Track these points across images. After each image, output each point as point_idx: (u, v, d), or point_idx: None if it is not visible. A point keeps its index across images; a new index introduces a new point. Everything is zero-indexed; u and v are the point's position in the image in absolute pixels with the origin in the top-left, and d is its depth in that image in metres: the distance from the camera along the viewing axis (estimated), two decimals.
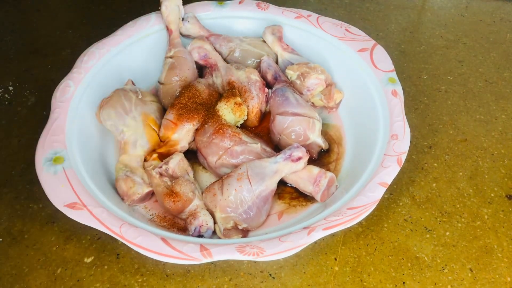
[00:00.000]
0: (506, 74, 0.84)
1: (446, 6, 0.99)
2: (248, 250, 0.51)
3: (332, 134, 0.72)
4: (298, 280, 0.56)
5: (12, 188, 0.65)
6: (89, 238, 0.59)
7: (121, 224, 0.53)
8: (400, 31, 0.93)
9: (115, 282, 0.56)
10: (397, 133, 0.62)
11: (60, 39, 0.90)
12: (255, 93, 0.70)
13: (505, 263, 0.58)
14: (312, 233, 0.52)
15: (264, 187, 0.58)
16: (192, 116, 0.65)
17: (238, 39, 0.78)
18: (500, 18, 0.96)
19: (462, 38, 0.91)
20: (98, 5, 0.98)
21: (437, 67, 0.85)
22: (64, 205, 0.54)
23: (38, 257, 0.58)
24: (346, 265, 0.57)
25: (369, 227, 0.61)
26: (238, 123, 0.69)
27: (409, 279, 0.56)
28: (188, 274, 0.56)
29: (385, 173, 0.58)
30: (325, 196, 0.61)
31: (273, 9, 0.81)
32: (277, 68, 0.74)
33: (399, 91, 0.68)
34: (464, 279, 0.56)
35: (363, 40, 0.75)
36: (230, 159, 0.62)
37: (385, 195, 0.64)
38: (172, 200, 0.58)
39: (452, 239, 0.60)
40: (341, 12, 0.97)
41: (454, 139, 0.73)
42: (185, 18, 0.78)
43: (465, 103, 0.78)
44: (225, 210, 0.58)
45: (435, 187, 0.66)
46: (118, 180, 0.61)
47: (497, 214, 0.63)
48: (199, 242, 0.53)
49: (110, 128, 0.65)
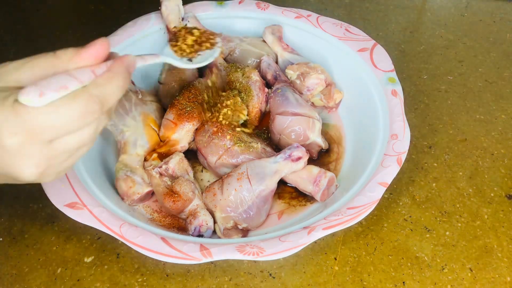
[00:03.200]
0: (506, 74, 0.84)
1: (446, 6, 0.99)
2: (248, 249, 0.51)
3: (332, 134, 0.72)
4: (298, 280, 0.56)
5: (12, 188, 0.65)
6: (89, 238, 0.59)
7: (121, 224, 0.53)
8: (400, 31, 0.93)
9: (115, 281, 0.56)
10: (397, 133, 0.62)
11: (60, 39, 0.90)
12: (255, 93, 0.70)
13: (505, 263, 0.58)
14: (312, 233, 0.52)
15: (264, 187, 0.59)
16: (192, 116, 0.65)
17: (238, 39, 0.78)
18: (500, 18, 0.96)
19: (462, 38, 0.91)
20: (98, 5, 0.98)
21: (437, 67, 0.85)
22: (64, 204, 0.54)
23: (38, 257, 0.58)
24: (346, 264, 0.57)
25: (369, 226, 0.61)
26: (238, 123, 0.69)
27: (409, 278, 0.56)
28: (188, 273, 0.56)
29: (385, 173, 0.58)
30: (325, 195, 0.61)
31: (273, 9, 0.81)
32: (277, 68, 0.74)
33: (399, 91, 0.68)
34: (464, 278, 0.56)
35: (363, 40, 0.75)
36: (230, 159, 0.62)
37: (385, 195, 0.64)
38: (172, 200, 0.58)
39: (452, 239, 0.60)
40: (341, 12, 0.97)
41: (454, 139, 0.73)
42: (185, 18, 0.78)
43: (465, 103, 0.78)
44: (225, 210, 0.58)
45: (435, 187, 0.66)
46: (118, 180, 0.61)
47: (497, 214, 0.63)
48: (199, 241, 0.53)
49: (110, 128, 0.65)
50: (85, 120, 0.37)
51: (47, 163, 0.37)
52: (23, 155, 0.36)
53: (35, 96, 0.34)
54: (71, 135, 0.38)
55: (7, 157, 0.36)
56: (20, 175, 0.37)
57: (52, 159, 0.38)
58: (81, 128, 0.38)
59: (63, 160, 0.39)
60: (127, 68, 0.41)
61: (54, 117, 0.35)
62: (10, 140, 0.35)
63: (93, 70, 0.38)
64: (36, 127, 0.35)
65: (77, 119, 0.37)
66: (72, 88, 0.36)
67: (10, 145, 0.35)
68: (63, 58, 0.38)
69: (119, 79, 0.39)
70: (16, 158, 0.36)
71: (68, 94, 0.36)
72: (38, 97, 0.34)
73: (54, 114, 0.35)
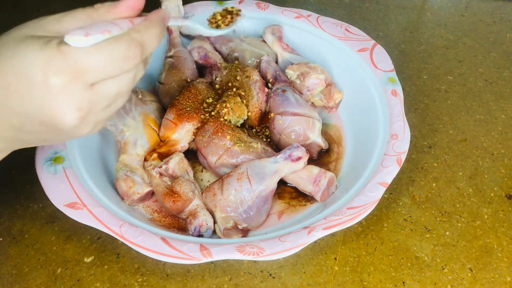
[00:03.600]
0: (506, 74, 0.84)
1: (446, 6, 0.99)
2: (248, 249, 0.51)
3: (332, 134, 0.72)
4: (298, 280, 0.56)
5: (12, 188, 0.65)
6: (89, 238, 0.59)
7: (121, 224, 0.53)
8: (400, 31, 0.93)
9: (115, 281, 0.56)
10: (397, 133, 0.62)
11: None
12: (255, 93, 0.70)
13: (505, 262, 0.58)
14: (312, 233, 0.52)
15: (264, 187, 0.58)
16: (192, 116, 0.65)
17: (238, 39, 0.78)
18: (500, 18, 0.96)
19: (462, 38, 0.91)
20: None
21: (437, 67, 0.85)
22: (64, 204, 0.54)
23: (38, 257, 0.58)
24: (346, 264, 0.57)
25: (369, 226, 0.61)
26: (238, 123, 0.69)
27: (409, 278, 0.56)
28: (188, 273, 0.56)
29: (385, 172, 0.58)
30: (325, 195, 0.61)
31: (273, 9, 0.81)
32: (277, 68, 0.74)
33: (399, 91, 0.68)
34: (464, 278, 0.56)
35: (363, 40, 0.75)
36: (230, 159, 0.62)
37: (385, 195, 0.64)
38: (172, 200, 0.58)
39: (452, 239, 0.60)
40: (341, 12, 0.97)
41: (454, 139, 0.73)
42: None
43: (465, 103, 0.79)
44: (225, 210, 0.58)
45: (435, 187, 0.66)
46: (118, 180, 0.61)
47: (497, 214, 0.63)
48: (199, 241, 0.53)
49: (110, 128, 0.65)
50: (127, 63, 0.38)
51: (89, 106, 0.38)
52: (66, 95, 0.36)
53: (81, 35, 0.36)
54: (112, 79, 0.38)
55: (51, 97, 0.36)
56: (61, 118, 0.37)
57: (93, 104, 0.38)
58: (122, 73, 0.39)
59: (103, 108, 0.40)
60: (163, 19, 0.43)
61: (98, 57, 0.36)
62: (55, 79, 0.35)
63: (131, 19, 0.40)
64: (80, 67, 0.36)
65: (119, 61, 0.38)
66: (115, 33, 0.38)
67: (54, 84, 0.36)
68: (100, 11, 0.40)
69: (157, 27, 0.41)
70: (59, 98, 0.36)
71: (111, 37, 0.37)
72: (84, 37, 0.36)
73: (98, 54, 0.36)
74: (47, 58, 0.35)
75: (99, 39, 0.37)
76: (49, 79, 0.35)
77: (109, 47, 0.37)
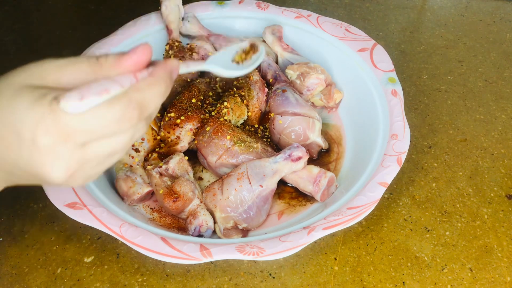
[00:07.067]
0: (506, 74, 0.84)
1: (446, 6, 0.99)
2: (248, 249, 0.51)
3: (332, 134, 0.72)
4: (298, 280, 0.56)
5: (12, 188, 0.65)
6: (89, 238, 0.59)
7: (121, 224, 0.53)
8: (400, 31, 0.93)
9: (115, 281, 0.56)
10: (397, 133, 0.62)
11: (60, 39, 0.90)
12: (255, 93, 0.70)
13: (505, 262, 0.58)
14: (312, 233, 0.52)
15: (264, 187, 0.58)
16: (192, 116, 0.65)
17: (238, 39, 0.78)
18: (500, 18, 0.96)
19: (462, 38, 0.91)
20: (98, 5, 0.98)
21: (437, 67, 0.85)
22: (64, 204, 0.54)
23: (38, 257, 0.58)
24: (346, 264, 0.57)
25: (369, 226, 0.61)
26: (238, 123, 0.69)
27: (409, 278, 0.56)
28: (188, 273, 0.56)
29: (385, 173, 0.58)
30: (325, 195, 0.61)
31: (273, 9, 0.81)
32: (277, 68, 0.74)
33: (399, 91, 0.68)
34: (464, 278, 0.56)
35: (363, 40, 0.75)
36: (230, 159, 0.62)
37: (385, 194, 0.64)
38: (172, 200, 0.58)
39: (452, 239, 0.60)
40: (341, 12, 0.97)
41: (454, 139, 0.73)
42: (185, 18, 0.78)
43: (465, 103, 0.78)
44: (225, 210, 0.58)
45: (435, 187, 0.66)
46: (118, 180, 0.61)
47: (497, 214, 0.63)
48: (199, 241, 0.53)
49: None
50: (122, 126, 0.36)
51: (77, 166, 0.37)
52: (54, 156, 0.35)
53: (76, 100, 0.34)
54: (105, 140, 0.37)
55: (38, 156, 0.35)
56: (48, 176, 0.36)
57: (82, 164, 0.37)
58: (116, 134, 0.37)
59: (93, 166, 0.38)
60: (170, 73, 0.39)
61: (90, 120, 0.35)
62: (43, 139, 0.34)
63: (135, 74, 0.37)
64: (70, 128, 0.34)
65: (114, 124, 0.35)
66: (113, 92, 0.35)
67: (43, 144, 0.34)
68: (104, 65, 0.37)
69: (161, 85, 0.38)
70: (46, 158, 0.35)
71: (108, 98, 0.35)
72: (79, 101, 0.34)
73: (90, 117, 0.35)
74: (38, 117, 0.34)
75: (96, 102, 0.34)
76: (37, 138, 0.34)
77: (103, 109, 0.35)
